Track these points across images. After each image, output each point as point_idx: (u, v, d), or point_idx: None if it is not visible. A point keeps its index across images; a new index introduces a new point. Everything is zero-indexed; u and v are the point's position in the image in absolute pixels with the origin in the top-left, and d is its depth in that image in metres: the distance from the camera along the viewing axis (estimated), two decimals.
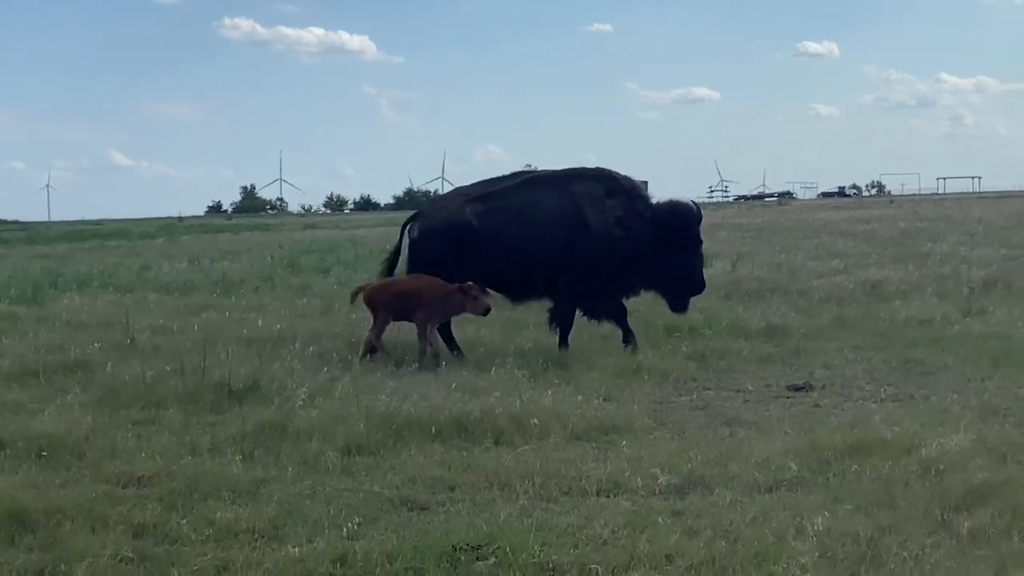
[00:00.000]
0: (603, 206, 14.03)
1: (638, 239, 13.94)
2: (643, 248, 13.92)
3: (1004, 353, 13.10)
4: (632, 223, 14.01)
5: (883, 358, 13.47)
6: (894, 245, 30.44)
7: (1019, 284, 19.37)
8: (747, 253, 28.59)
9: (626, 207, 14.09)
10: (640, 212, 14.10)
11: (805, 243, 32.30)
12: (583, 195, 14.08)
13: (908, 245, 29.91)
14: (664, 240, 13.89)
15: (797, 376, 12.54)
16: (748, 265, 24.83)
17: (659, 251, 13.89)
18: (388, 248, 15.73)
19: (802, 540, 6.81)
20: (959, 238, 30.65)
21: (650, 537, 6.97)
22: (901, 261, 24.39)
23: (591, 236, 13.91)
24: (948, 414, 10.19)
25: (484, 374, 12.07)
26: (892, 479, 8.09)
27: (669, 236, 13.91)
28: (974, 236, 31.49)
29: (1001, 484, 7.71)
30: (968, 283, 19.28)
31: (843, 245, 30.93)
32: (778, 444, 9.20)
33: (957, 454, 8.48)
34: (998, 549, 6.64)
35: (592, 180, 14.31)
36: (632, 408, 10.79)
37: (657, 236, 13.91)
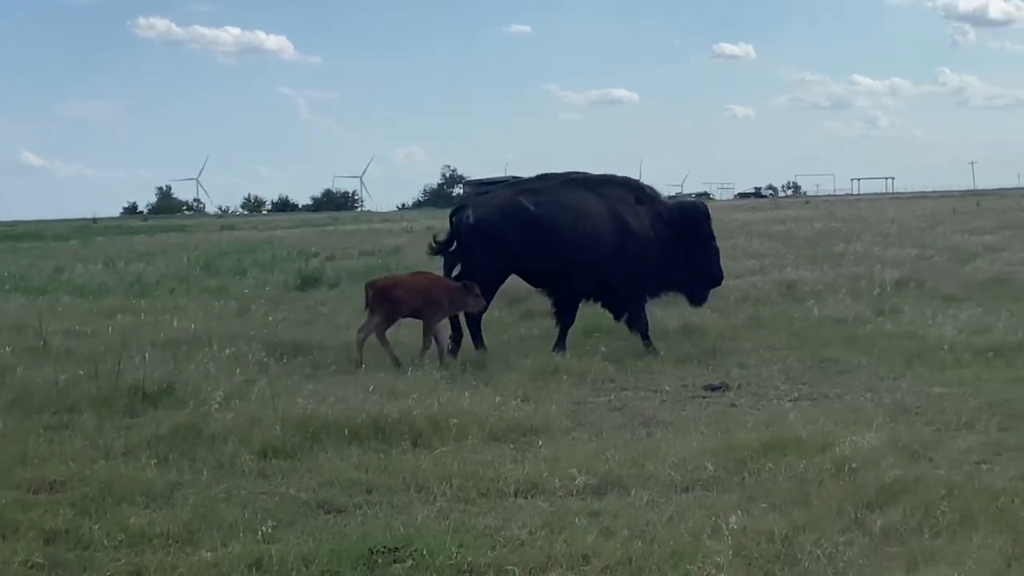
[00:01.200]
0: (636, 211, 14.77)
1: (662, 241, 14.75)
2: (666, 248, 14.72)
3: (916, 352, 13.29)
4: (657, 226, 14.79)
5: (798, 357, 13.60)
6: (809, 246, 30.76)
7: (931, 284, 19.64)
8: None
9: (651, 212, 14.88)
10: (662, 215, 14.92)
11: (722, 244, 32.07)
12: (620, 200, 14.77)
13: (823, 245, 30.23)
14: (681, 239, 14.81)
15: (713, 376, 12.64)
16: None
17: (679, 250, 14.76)
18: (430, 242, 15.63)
19: (717, 539, 6.85)
20: (873, 238, 31.03)
21: (567, 538, 6.98)
22: (816, 261, 24.64)
23: (635, 238, 14.60)
24: (861, 413, 10.31)
25: (402, 376, 12.07)
26: (806, 477, 8.17)
27: (685, 235, 14.86)
28: (887, 236, 31.93)
29: (913, 482, 7.81)
30: (881, 283, 19.50)
31: (759, 246, 31.18)
32: (695, 444, 9.24)
33: (870, 452, 8.58)
34: (910, 546, 6.72)
35: (623, 187, 15.12)
36: (550, 409, 10.81)
37: (675, 236, 14.79)
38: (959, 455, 8.76)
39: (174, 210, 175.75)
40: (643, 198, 15.02)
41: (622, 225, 14.57)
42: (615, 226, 14.54)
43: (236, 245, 43.06)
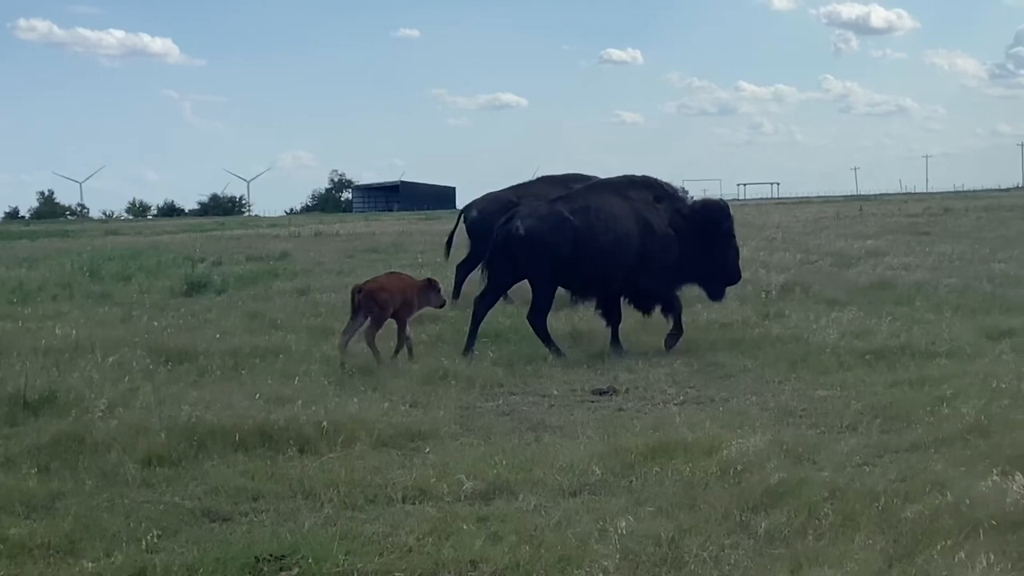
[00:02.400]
0: (656, 210, 15.20)
1: (682, 237, 15.11)
2: (686, 245, 15.08)
3: (801, 356, 13.46)
4: (677, 224, 15.17)
5: (685, 361, 13.73)
6: None
7: (815, 288, 19.91)
8: None
9: (671, 209, 15.28)
10: (682, 212, 15.30)
11: None
12: (641, 200, 15.22)
13: None
14: (701, 236, 15.13)
15: (601, 380, 12.70)
16: None
17: (698, 246, 15.09)
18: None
19: (605, 543, 6.88)
20: (758, 243, 31.30)
21: (455, 543, 6.98)
22: None
23: (655, 236, 15.01)
24: (747, 416, 10.43)
25: (289, 382, 11.94)
26: (693, 481, 8.25)
27: (705, 232, 15.17)
28: (773, 241, 32.26)
29: (797, 484, 7.91)
30: (767, 287, 19.72)
31: None
32: (582, 448, 9.28)
33: (755, 455, 8.68)
34: (794, 548, 6.81)
35: (644, 187, 15.49)
36: (439, 414, 10.80)
37: (695, 233, 15.11)
38: (842, 457, 8.88)
39: (57, 215, 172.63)
40: (662, 195, 15.46)
41: (645, 224, 15.03)
42: (638, 226, 14.98)
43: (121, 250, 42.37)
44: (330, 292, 21.32)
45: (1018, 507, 7.22)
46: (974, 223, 41.87)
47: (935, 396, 10.70)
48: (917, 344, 13.68)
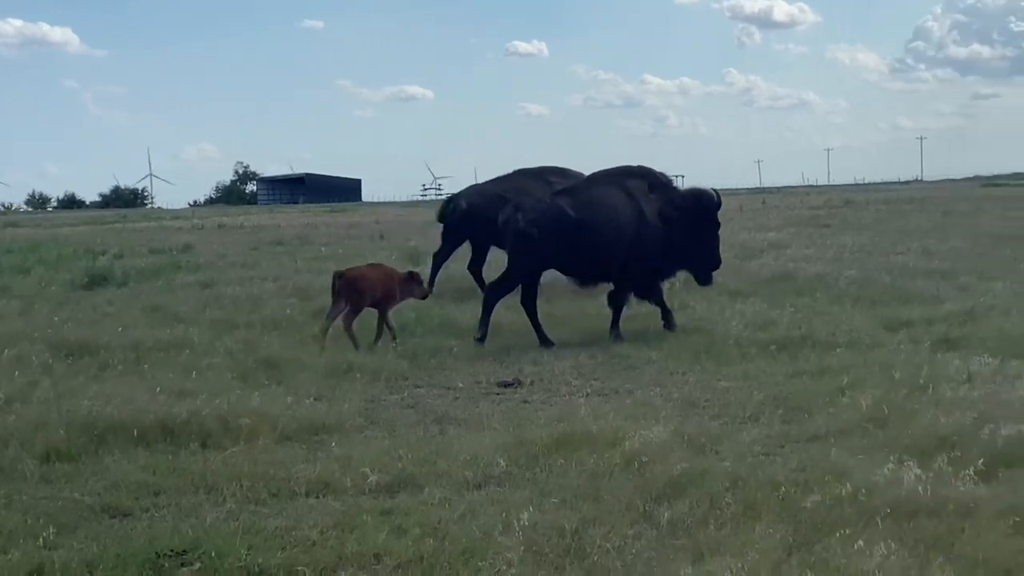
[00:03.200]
0: (649, 199, 15.73)
1: (674, 225, 15.61)
2: (677, 232, 15.60)
3: (704, 347, 13.59)
4: (669, 212, 15.69)
5: (589, 353, 13.80)
6: None
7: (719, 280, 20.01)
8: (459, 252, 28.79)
9: (663, 198, 15.82)
10: (674, 201, 15.84)
11: None
12: (636, 190, 15.75)
13: None
14: (692, 224, 15.71)
15: (507, 372, 12.73)
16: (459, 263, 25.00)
17: (688, 234, 15.65)
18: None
19: (509, 535, 6.90)
20: None
21: (359, 537, 6.96)
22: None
23: (648, 225, 15.54)
24: (651, 407, 10.50)
25: (191, 376, 11.83)
26: (597, 472, 8.29)
27: (695, 220, 15.75)
28: None
29: (699, 474, 7.98)
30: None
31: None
32: (487, 440, 9.29)
33: (659, 446, 8.74)
34: (696, 538, 6.86)
35: (639, 177, 16.04)
36: (343, 407, 10.76)
37: (686, 221, 15.67)
38: (744, 447, 8.98)
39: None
40: (655, 185, 15.97)
41: (639, 213, 15.56)
42: (633, 215, 15.52)
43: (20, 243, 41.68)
44: (234, 285, 21.19)
45: (914, 495, 7.35)
46: (874, 216, 42.47)
47: (835, 386, 10.84)
48: (818, 335, 13.86)
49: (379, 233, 39.12)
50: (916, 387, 10.57)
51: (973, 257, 24.04)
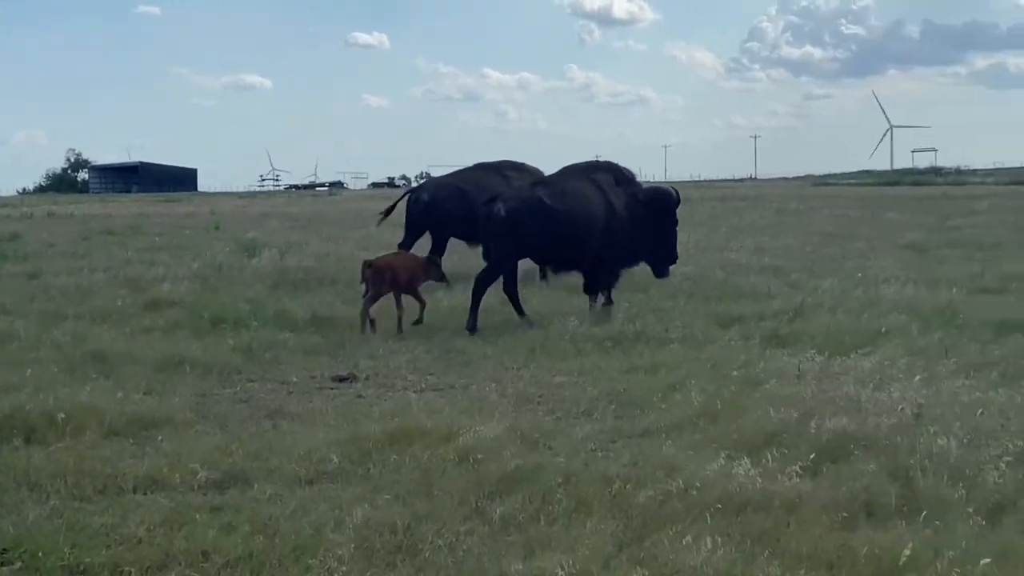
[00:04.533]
0: (616, 193, 16.57)
1: (637, 219, 16.46)
2: (640, 226, 16.45)
3: (539, 342, 13.66)
4: (633, 206, 16.54)
5: (426, 348, 13.77)
6: None
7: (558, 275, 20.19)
8: (296, 243, 28.63)
9: (628, 193, 16.68)
10: (637, 196, 16.72)
11: (354, 233, 32.60)
12: (605, 183, 16.59)
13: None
14: (652, 218, 16.56)
15: (342, 367, 12.62)
16: (296, 255, 24.85)
17: (649, 227, 16.51)
18: None
19: (340, 532, 6.85)
20: None
21: (187, 534, 6.84)
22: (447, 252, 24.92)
23: (616, 217, 16.36)
24: (485, 402, 10.51)
25: (17, 369, 11.49)
26: (431, 468, 8.27)
27: (656, 215, 16.60)
28: None
29: (532, 470, 8.01)
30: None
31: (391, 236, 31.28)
32: (320, 436, 9.20)
33: (493, 442, 8.75)
34: (528, 533, 6.88)
35: (606, 171, 16.91)
36: (173, 402, 10.57)
37: (647, 215, 16.53)
38: (577, 443, 9.03)
39: None
40: (620, 179, 16.83)
41: (609, 206, 16.39)
42: (604, 208, 16.35)
43: None
44: (63, 275, 20.68)
45: (743, 490, 7.47)
46: (709, 212, 43.09)
47: (668, 382, 10.98)
48: (652, 331, 14.03)
49: (215, 224, 38.59)
50: (747, 383, 10.77)
51: (803, 255, 24.61)
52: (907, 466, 7.83)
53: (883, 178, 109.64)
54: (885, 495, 7.39)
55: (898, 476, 7.72)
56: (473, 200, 19.51)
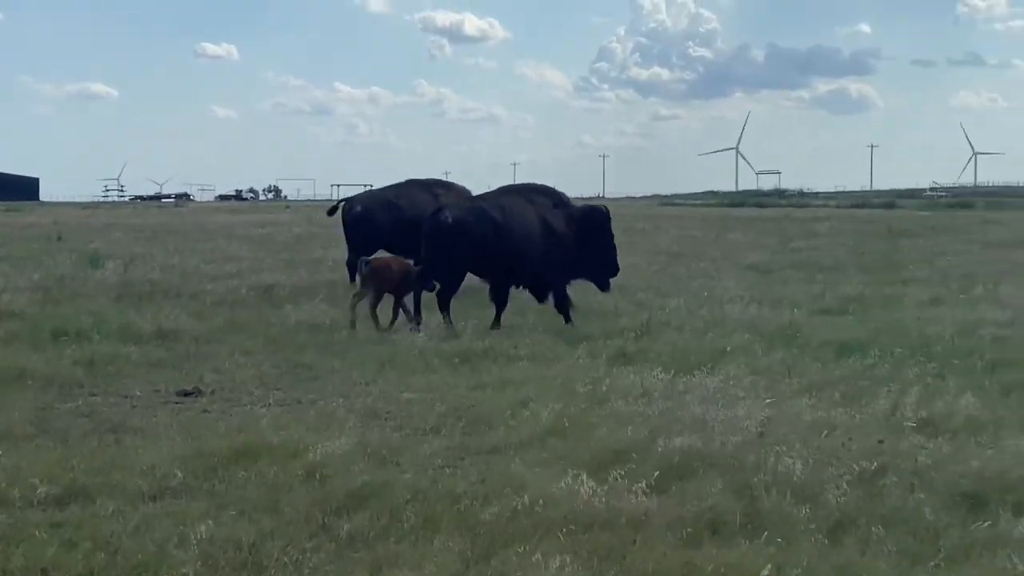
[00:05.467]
0: (555, 214, 17.49)
1: (574, 237, 17.38)
2: (577, 244, 17.34)
3: (388, 358, 13.61)
4: (569, 226, 17.45)
5: (273, 363, 13.61)
6: (288, 250, 30.97)
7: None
8: (141, 255, 28.15)
9: (564, 214, 17.60)
10: (573, 217, 17.63)
11: (200, 246, 32.20)
12: (543, 206, 17.52)
13: (301, 250, 30.52)
14: (587, 237, 17.44)
15: (187, 381, 12.40)
16: (141, 267, 24.43)
17: (585, 245, 17.35)
18: None
19: (184, 549, 6.75)
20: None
21: (25, 551, 6.69)
22: (294, 266, 24.85)
23: (555, 236, 17.26)
24: (334, 418, 10.43)
25: None
26: (277, 484, 8.19)
27: (590, 233, 17.48)
28: None
29: (380, 486, 7.99)
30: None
31: (238, 249, 31.11)
32: (165, 451, 9.05)
33: (340, 458, 8.71)
34: (375, 551, 6.86)
35: (544, 194, 17.90)
36: (12, 415, 10.31)
37: (582, 234, 17.43)
38: (425, 459, 9.02)
39: None
40: (558, 202, 17.78)
41: (547, 225, 17.26)
42: (543, 227, 17.22)
43: None
44: None
45: (589, 508, 7.54)
46: None
47: (516, 399, 11.01)
48: (500, 348, 14.08)
49: (57, 234, 37.76)
50: (594, 401, 10.87)
51: (650, 274, 24.88)
52: (752, 484, 7.99)
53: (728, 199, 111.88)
54: (730, 513, 7.51)
55: (743, 494, 7.86)
56: (404, 213, 21.29)
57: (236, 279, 21.86)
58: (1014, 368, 12.74)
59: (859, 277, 24.28)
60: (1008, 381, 12.03)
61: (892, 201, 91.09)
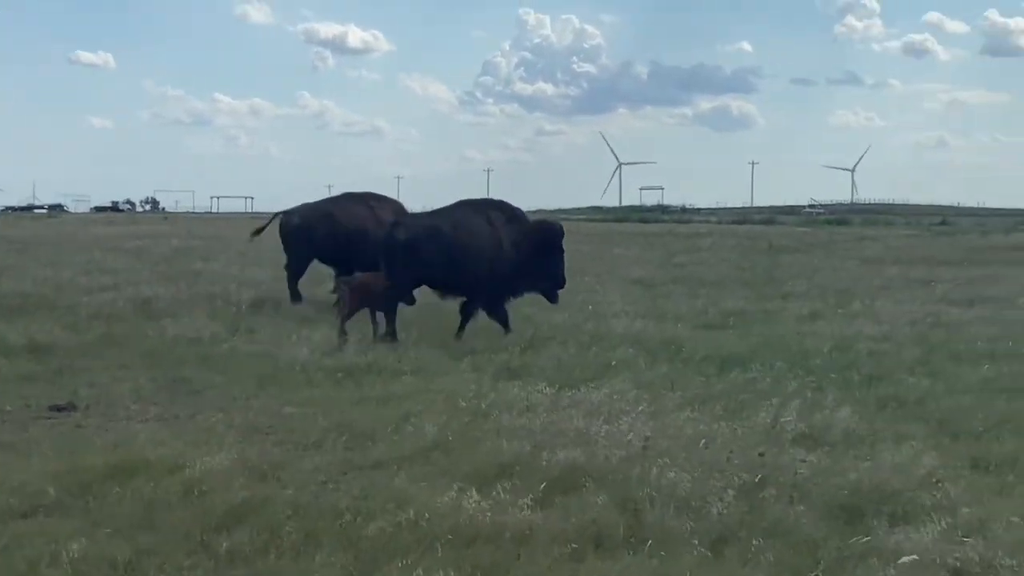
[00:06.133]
0: (507, 228, 17.84)
1: (525, 251, 17.67)
2: (527, 257, 17.62)
3: (269, 372, 13.43)
4: (520, 240, 17.78)
5: (151, 377, 13.35)
6: (166, 263, 30.48)
7: (286, 304, 20.01)
8: (12, 267, 27.55)
9: (517, 229, 17.95)
10: (525, 231, 18.01)
11: (75, 258, 31.54)
12: (496, 220, 17.88)
13: (180, 263, 30.05)
14: (538, 251, 17.76)
15: (60, 396, 12.11)
16: (12, 279, 23.88)
17: (536, 259, 17.67)
18: None
19: (56, 567, 6.61)
20: (231, 257, 31.12)
21: None
22: (172, 279, 24.45)
23: (503, 250, 17.61)
24: (213, 433, 10.25)
25: None
26: (154, 501, 8.02)
27: (542, 247, 17.80)
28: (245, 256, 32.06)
29: (261, 502, 7.87)
30: (237, 302, 19.62)
31: (114, 261, 30.55)
32: (36, 467, 8.83)
33: (220, 474, 8.56)
34: (255, 567, 6.76)
35: (497, 209, 18.30)
36: None
37: (534, 248, 17.75)
38: (307, 475, 8.88)
39: None
40: (511, 217, 18.16)
41: (496, 239, 17.64)
42: (492, 241, 17.61)
43: None
44: None
45: (473, 522, 7.48)
46: None
47: (400, 413, 10.92)
48: (384, 362, 13.98)
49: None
50: (479, 415, 10.81)
51: None
52: (635, 498, 7.99)
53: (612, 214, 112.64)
54: (614, 526, 7.51)
55: (627, 508, 7.86)
56: (340, 225, 21.50)
57: (112, 292, 21.41)
58: (889, 382, 12.94)
59: (741, 292, 24.57)
60: (883, 394, 12.22)
61: (772, 217, 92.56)
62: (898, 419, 11.16)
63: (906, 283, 26.58)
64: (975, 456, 9.61)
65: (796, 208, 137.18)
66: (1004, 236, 51.79)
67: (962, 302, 22.10)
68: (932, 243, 47.33)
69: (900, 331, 17.35)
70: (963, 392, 12.27)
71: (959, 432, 10.57)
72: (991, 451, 9.75)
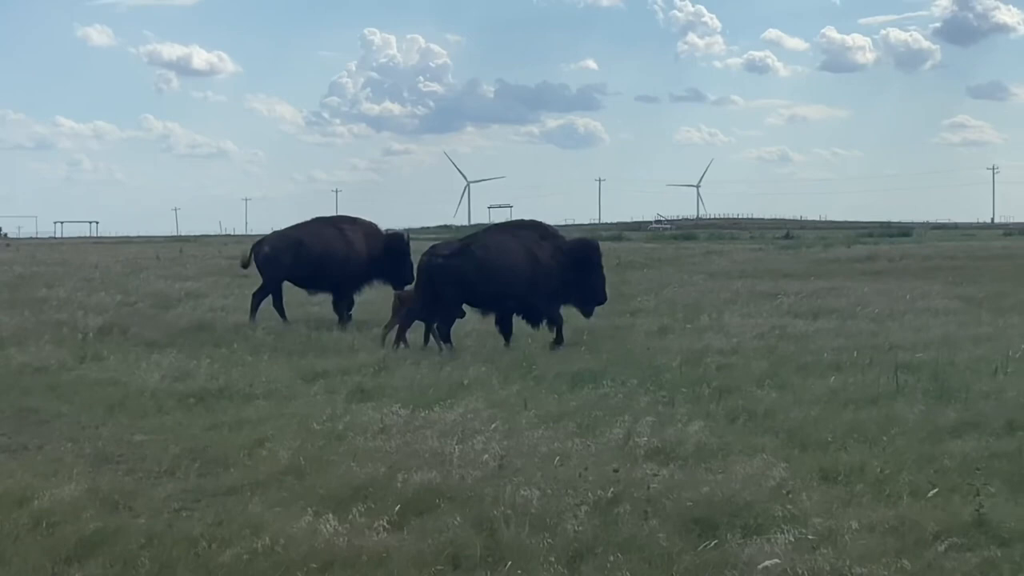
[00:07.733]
0: (541, 247, 18.97)
1: (562, 267, 18.82)
2: (564, 273, 18.78)
3: (119, 399, 13.23)
4: (557, 256, 18.94)
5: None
6: (9, 290, 29.78)
7: (135, 330, 19.73)
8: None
9: (552, 246, 19.15)
10: (561, 248, 19.19)
11: None
12: (530, 239, 19.06)
13: (24, 290, 29.39)
14: (576, 266, 18.96)
15: None
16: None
17: (574, 275, 18.86)
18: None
19: None
20: (76, 283, 30.56)
21: None
22: (17, 307, 23.91)
23: (541, 267, 18.69)
24: (62, 463, 10.07)
25: None
26: (2, 534, 7.88)
27: (579, 263, 19.04)
28: (91, 281, 31.54)
29: (113, 532, 7.79)
30: (84, 329, 19.29)
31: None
32: None
33: (70, 504, 8.44)
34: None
35: (531, 228, 19.69)
36: None
37: (571, 264, 18.92)
38: (160, 503, 8.80)
39: None
40: (545, 235, 19.43)
41: (534, 258, 18.71)
42: (530, 260, 18.66)
43: None
44: None
45: (330, 546, 7.50)
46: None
47: (253, 438, 10.87)
48: (236, 386, 13.86)
49: None
50: (333, 437, 10.80)
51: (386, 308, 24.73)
52: (491, 517, 8.06)
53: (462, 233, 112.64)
54: (471, 546, 7.57)
55: (483, 527, 7.93)
56: (310, 249, 22.65)
57: None
58: (739, 395, 13.12)
59: None
60: (733, 407, 12.38)
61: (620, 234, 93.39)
62: (748, 432, 11.33)
63: (752, 296, 26.96)
64: (824, 467, 9.77)
65: (643, 224, 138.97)
66: (846, 249, 52.84)
67: (807, 314, 22.48)
68: (777, 257, 48.21)
69: (748, 344, 17.62)
70: (811, 403, 12.45)
71: (808, 443, 10.73)
72: (839, 461, 9.90)
